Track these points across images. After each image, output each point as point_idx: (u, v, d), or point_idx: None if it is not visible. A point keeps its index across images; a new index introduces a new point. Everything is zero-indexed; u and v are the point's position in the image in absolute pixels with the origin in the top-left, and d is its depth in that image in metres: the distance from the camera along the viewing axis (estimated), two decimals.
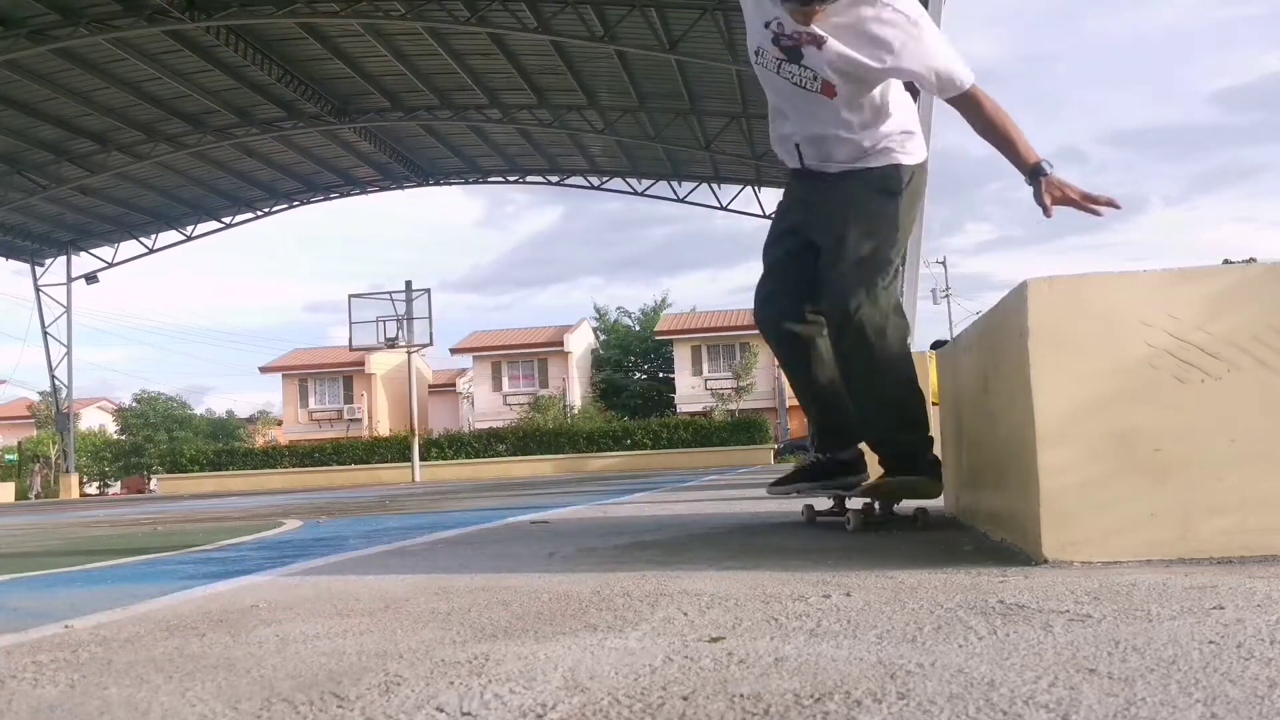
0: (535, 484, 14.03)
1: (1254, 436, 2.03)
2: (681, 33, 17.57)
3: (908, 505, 3.32)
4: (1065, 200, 2.66)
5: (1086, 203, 2.64)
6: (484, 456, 29.69)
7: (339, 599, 2.12)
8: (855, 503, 3.31)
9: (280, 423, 48.14)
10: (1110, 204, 2.65)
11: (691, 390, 41.85)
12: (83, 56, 18.48)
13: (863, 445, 3.33)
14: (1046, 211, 2.69)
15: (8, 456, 38.90)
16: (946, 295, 43.91)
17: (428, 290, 26.39)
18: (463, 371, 49.53)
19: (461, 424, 43.51)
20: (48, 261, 29.10)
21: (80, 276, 29.29)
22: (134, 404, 46.63)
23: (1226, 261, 2.38)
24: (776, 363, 3.26)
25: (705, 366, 42.29)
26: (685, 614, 1.70)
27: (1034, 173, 2.71)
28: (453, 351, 46.17)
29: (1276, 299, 2.06)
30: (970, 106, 2.84)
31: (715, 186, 27.65)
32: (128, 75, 19.54)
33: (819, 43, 2.92)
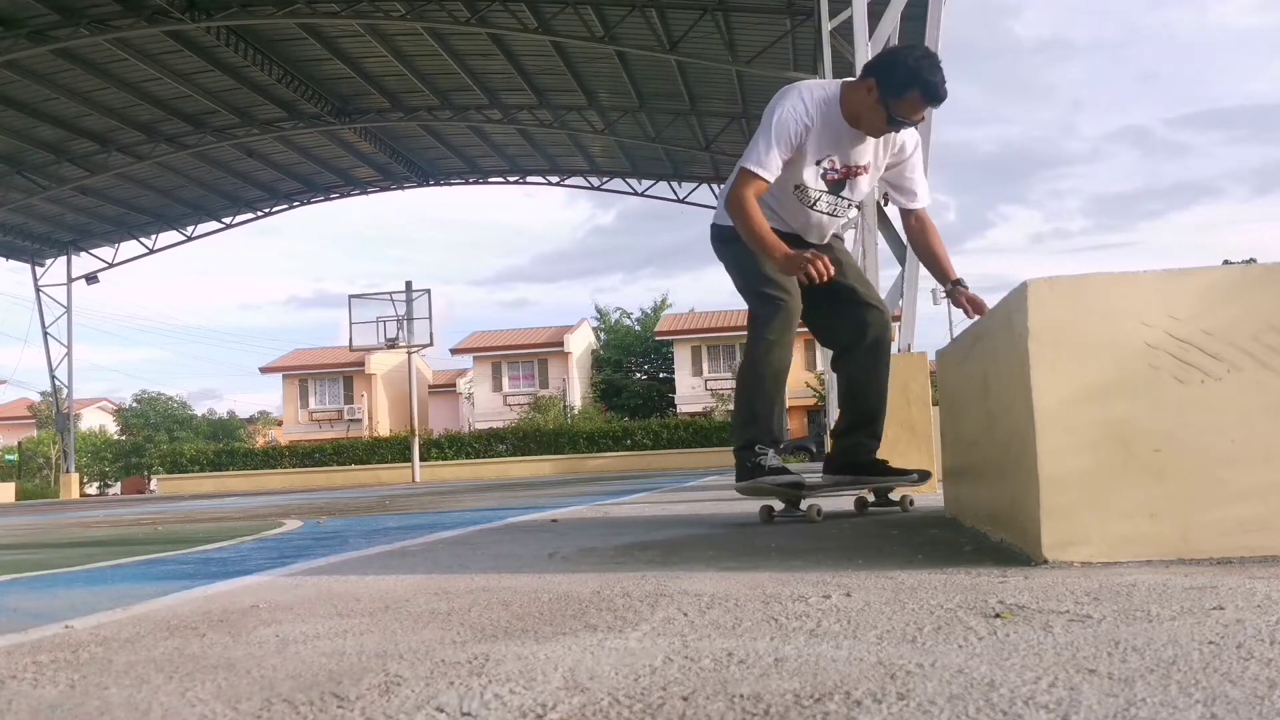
0: (535, 484, 14.04)
1: (1254, 437, 2.03)
2: (681, 33, 17.57)
3: None
4: (977, 304, 3.41)
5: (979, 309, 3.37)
6: (484, 457, 29.71)
7: (339, 599, 2.12)
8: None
9: (280, 423, 48.13)
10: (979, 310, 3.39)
11: (692, 390, 41.84)
12: (83, 57, 18.47)
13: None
14: (972, 311, 3.39)
15: (8, 456, 38.88)
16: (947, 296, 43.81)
17: (428, 290, 26.40)
18: (463, 372, 49.54)
19: (461, 424, 43.51)
20: (48, 262, 29.10)
21: (80, 277, 29.29)
22: (134, 404, 46.63)
23: (1226, 262, 2.38)
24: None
25: (705, 367, 42.28)
26: (685, 614, 1.70)
27: (957, 283, 3.54)
28: (453, 352, 46.20)
29: (1276, 299, 2.06)
30: (926, 218, 3.68)
31: (715, 187, 27.64)
32: (128, 75, 19.54)
33: (867, 171, 3.53)
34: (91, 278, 29.41)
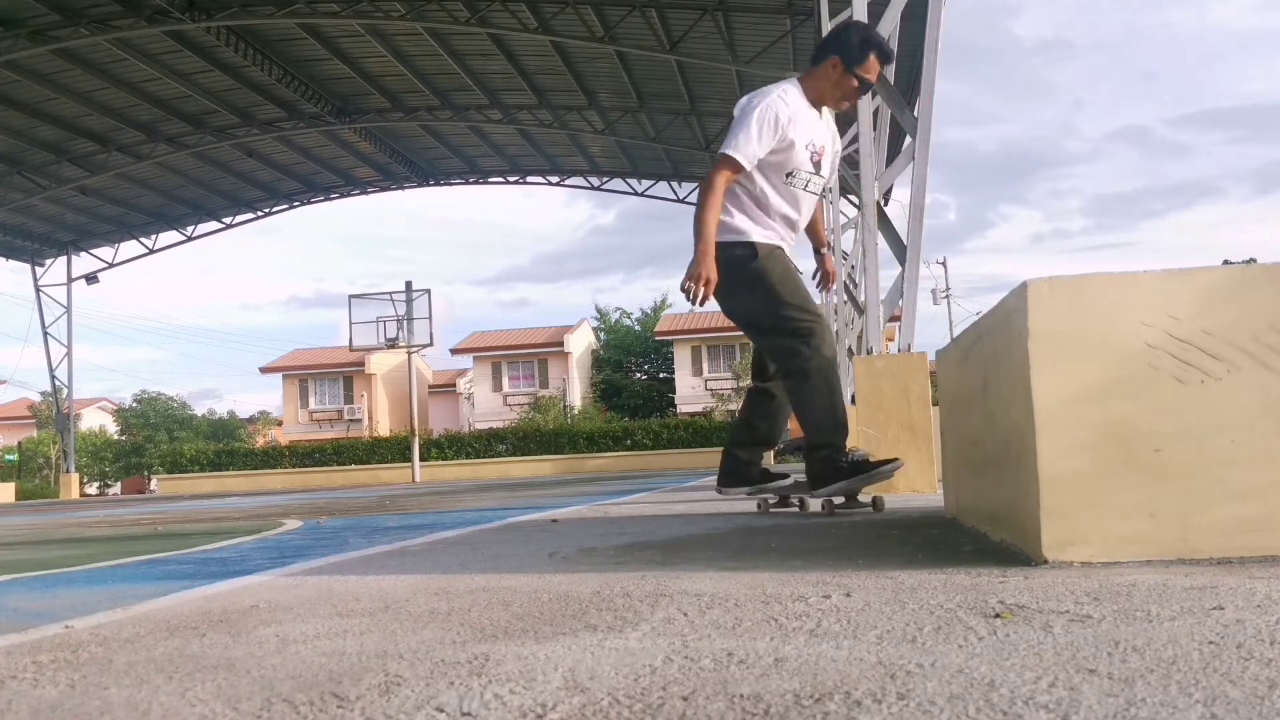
0: (535, 484, 14.04)
1: (1254, 437, 2.03)
2: (681, 33, 17.56)
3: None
4: (829, 276, 4.36)
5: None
6: (484, 457, 29.70)
7: (339, 599, 2.12)
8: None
9: (280, 423, 48.13)
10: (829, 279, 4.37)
11: (691, 390, 41.84)
12: (83, 57, 18.48)
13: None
14: (827, 281, 4.36)
15: (8, 456, 38.88)
16: (947, 295, 43.89)
17: (428, 290, 26.39)
18: (463, 372, 49.54)
19: (462, 424, 43.52)
20: (48, 262, 29.10)
21: (80, 277, 29.29)
22: (134, 404, 46.63)
23: (1226, 262, 2.38)
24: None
25: (705, 367, 42.27)
26: (685, 614, 1.70)
27: (830, 247, 4.39)
28: (453, 352, 46.19)
29: (1276, 299, 2.06)
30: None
31: None
32: (128, 75, 19.54)
33: (828, 150, 3.92)
34: (91, 278, 29.40)
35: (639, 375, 46.41)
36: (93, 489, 42.96)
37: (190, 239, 29.13)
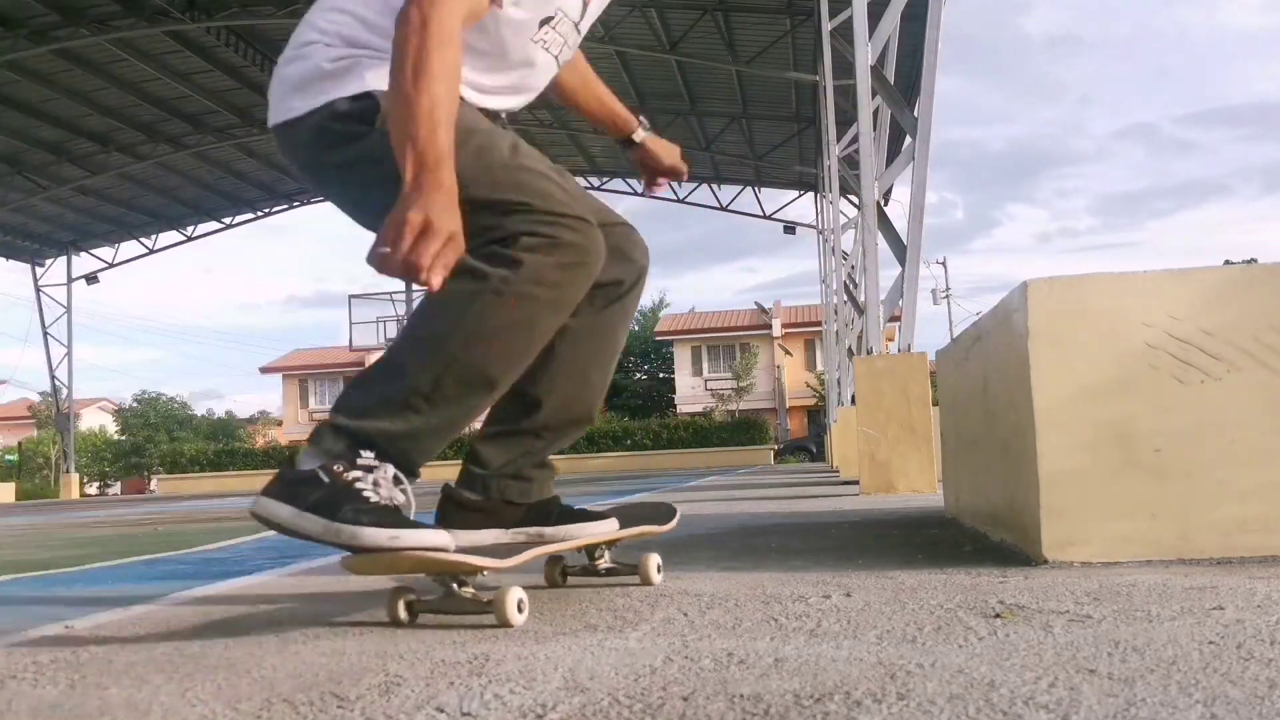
0: None
1: (1254, 437, 2.03)
2: (681, 33, 17.57)
3: None
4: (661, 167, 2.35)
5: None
6: None
7: (339, 599, 2.12)
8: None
9: (280, 423, 48.13)
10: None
11: (691, 390, 41.84)
12: (83, 57, 18.48)
13: None
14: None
15: (8, 457, 38.88)
16: (946, 295, 43.88)
17: None
18: None
19: None
20: (48, 262, 29.09)
21: (80, 277, 29.28)
22: (134, 404, 46.62)
23: (1227, 262, 2.39)
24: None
25: (705, 367, 42.29)
26: (685, 614, 1.70)
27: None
28: None
29: (1276, 299, 2.06)
30: None
31: (715, 187, 27.65)
32: (128, 76, 19.54)
33: None
34: (91, 278, 29.38)
35: (639, 375, 46.41)
36: (93, 489, 42.95)
37: (190, 239, 29.11)
